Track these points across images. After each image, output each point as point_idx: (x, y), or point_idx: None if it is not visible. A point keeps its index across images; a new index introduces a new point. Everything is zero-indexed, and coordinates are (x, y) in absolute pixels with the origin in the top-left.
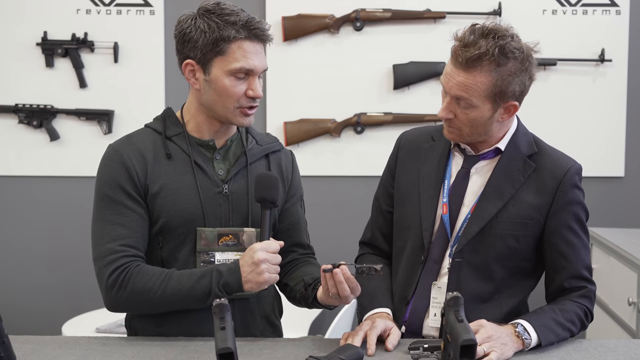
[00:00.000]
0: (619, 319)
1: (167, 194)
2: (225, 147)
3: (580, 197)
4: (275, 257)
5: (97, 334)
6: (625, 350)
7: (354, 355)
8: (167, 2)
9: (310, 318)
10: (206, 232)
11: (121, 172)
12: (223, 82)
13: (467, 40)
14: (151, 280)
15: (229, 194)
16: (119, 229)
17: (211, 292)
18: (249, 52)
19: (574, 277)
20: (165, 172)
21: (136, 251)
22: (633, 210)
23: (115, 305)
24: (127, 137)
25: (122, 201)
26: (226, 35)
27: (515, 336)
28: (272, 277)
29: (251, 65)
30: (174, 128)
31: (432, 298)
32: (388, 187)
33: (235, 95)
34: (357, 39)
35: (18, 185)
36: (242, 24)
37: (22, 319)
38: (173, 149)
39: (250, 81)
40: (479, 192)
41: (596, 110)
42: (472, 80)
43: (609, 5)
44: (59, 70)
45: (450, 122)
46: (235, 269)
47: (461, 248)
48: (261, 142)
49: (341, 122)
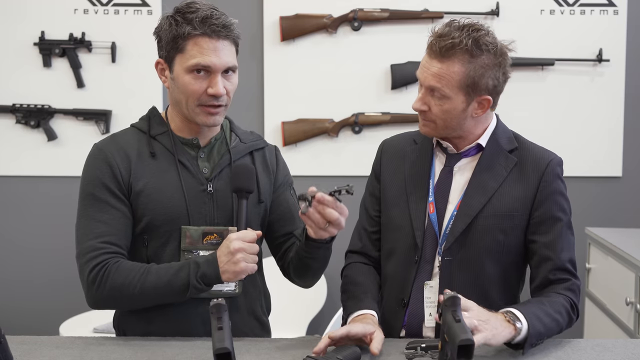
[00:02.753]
0: (617, 318)
1: (151, 192)
2: (209, 145)
3: (563, 189)
4: (251, 246)
5: (95, 334)
6: (623, 349)
7: (352, 355)
8: (165, 2)
9: (308, 318)
10: (191, 231)
11: (105, 171)
12: (183, 80)
13: (442, 31)
14: (130, 275)
15: (213, 192)
16: (101, 226)
17: (189, 284)
18: (205, 48)
19: (559, 269)
20: (149, 170)
21: (117, 248)
22: (631, 210)
23: (96, 301)
24: (111, 137)
25: (105, 199)
26: (182, 32)
27: (507, 321)
28: (249, 266)
29: (207, 62)
30: (159, 127)
31: (426, 298)
32: (374, 192)
33: (194, 93)
34: (354, 39)
35: (15, 185)
36: (199, 20)
37: (19, 319)
38: (157, 148)
39: (211, 79)
40: (463, 189)
41: (594, 110)
42: (446, 70)
43: (607, 5)
44: (57, 70)
45: (424, 114)
46: (212, 260)
47: (449, 246)
48: (245, 140)
49: (339, 122)
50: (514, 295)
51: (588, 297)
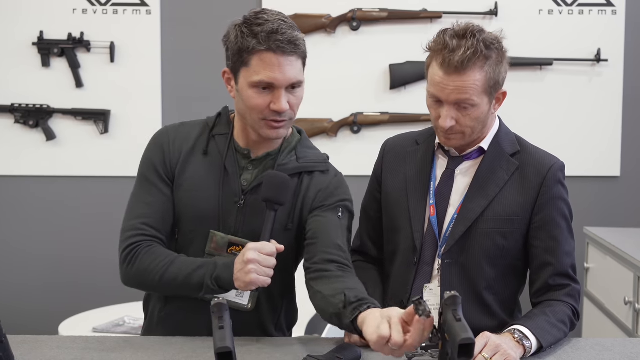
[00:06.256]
0: (615, 318)
1: (189, 189)
2: (260, 158)
3: (565, 194)
4: (267, 259)
5: (94, 334)
6: (621, 349)
7: (352, 355)
8: (164, 2)
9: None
10: (218, 237)
11: (158, 154)
12: (247, 94)
13: (451, 45)
14: (155, 261)
15: (243, 206)
16: (144, 207)
17: (204, 283)
18: (270, 64)
19: (559, 275)
20: (196, 167)
21: (154, 232)
22: (629, 209)
23: (125, 279)
24: (180, 124)
25: (153, 181)
26: (246, 46)
27: (516, 342)
28: (260, 279)
29: (271, 79)
30: (223, 127)
31: (426, 300)
32: (375, 193)
33: (257, 107)
34: (353, 39)
35: (14, 185)
36: (264, 35)
37: (19, 318)
38: (212, 148)
39: (275, 94)
40: (464, 192)
41: (592, 110)
42: (470, 81)
43: (605, 5)
44: (55, 70)
45: (451, 128)
46: (229, 265)
47: (449, 249)
48: (301, 160)
49: (338, 121)
50: (513, 299)
51: (587, 296)
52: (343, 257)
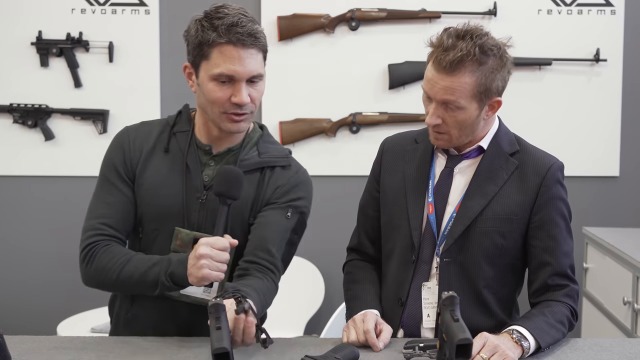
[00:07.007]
0: (614, 318)
1: (150, 187)
2: (221, 153)
3: (563, 194)
4: (219, 254)
5: (92, 334)
6: (620, 349)
7: (350, 355)
8: (162, 2)
9: (306, 318)
10: (182, 234)
11: (118, 154)
12: (207, 87)
13: (446, 44)
14: (112, 260)
15: (205, 202)
16: (104, 207)
17: (159, 280)
18: (230, 57)
19: (558, 275)
20: (157, 165)
21: (114, 231)
22: (628, 209)
23: (85, 279)
24: (141, 123)
25: (113, 181)
26: (207, 39)
27: (514, 342)
28: (213, 274)
29: (231, 71)
30: (183, 124)
31: (424, 299)
32: (373, 191)
33: (218, 100)
34: (352, 39)
35: (13, 185)
36: (224, 28)
37: (17, 318)
38: (173, 145)
39: (236, 87)
40: (463, 191)
41: (591, 110)
42: (458, 83)
43: (604, 5)
44: (54, 69)
45: (438, 127)
46: (183, 260)
47: (448, 247)
48: (263, 155)
49: (337, 121)
50: (511, 298)
51: (585, 296)
52: (269, 261)
